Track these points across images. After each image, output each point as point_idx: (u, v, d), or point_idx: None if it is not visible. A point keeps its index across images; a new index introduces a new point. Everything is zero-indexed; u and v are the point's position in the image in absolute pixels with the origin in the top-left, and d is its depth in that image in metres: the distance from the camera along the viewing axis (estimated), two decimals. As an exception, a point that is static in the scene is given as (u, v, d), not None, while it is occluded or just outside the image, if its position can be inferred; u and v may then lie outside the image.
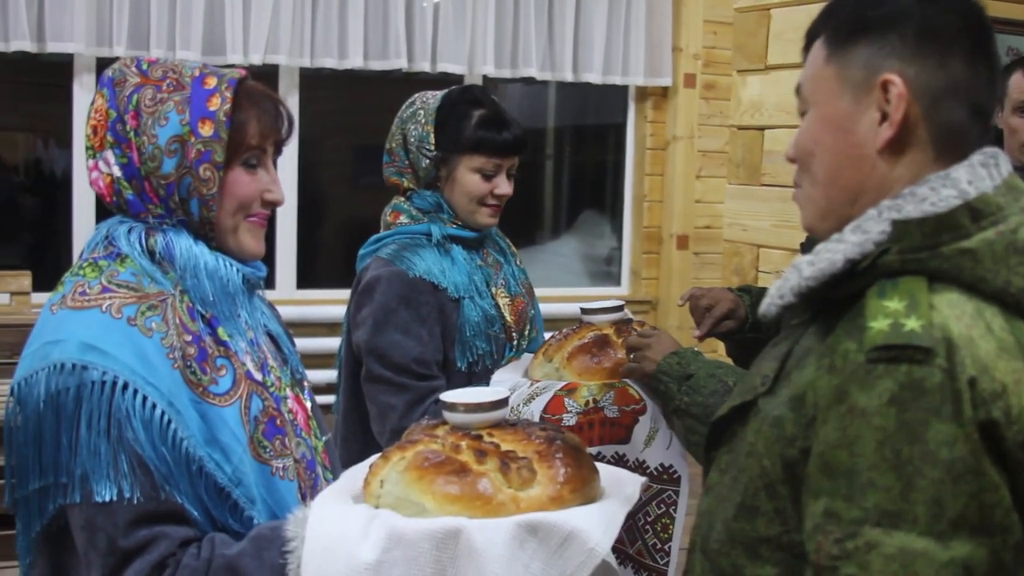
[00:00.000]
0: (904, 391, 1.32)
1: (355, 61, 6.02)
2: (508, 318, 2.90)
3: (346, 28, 6.00)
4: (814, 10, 4.04)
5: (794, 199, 1.64)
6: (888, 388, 1.32)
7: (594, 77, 6.57)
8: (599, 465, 1.87)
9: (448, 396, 1.89)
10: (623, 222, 7.01)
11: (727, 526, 1.54)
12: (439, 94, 2.91)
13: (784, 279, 1.54)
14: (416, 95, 2.95)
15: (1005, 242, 1.40)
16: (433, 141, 2.83)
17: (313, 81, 6.16)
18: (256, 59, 5.76)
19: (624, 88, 6.86)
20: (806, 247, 2.59)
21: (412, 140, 2.86)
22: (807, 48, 1.63)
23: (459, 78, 6.37)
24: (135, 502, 1.74)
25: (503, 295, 2.93)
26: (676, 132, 6.75)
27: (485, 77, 6.42)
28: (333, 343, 5.90)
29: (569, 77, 6.52)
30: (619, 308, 2.74)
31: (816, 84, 1.58)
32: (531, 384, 2.62)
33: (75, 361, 1.76)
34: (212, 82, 1.93)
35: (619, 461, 2.54)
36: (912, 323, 1.35)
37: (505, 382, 2.66)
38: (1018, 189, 1.47)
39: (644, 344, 2.44)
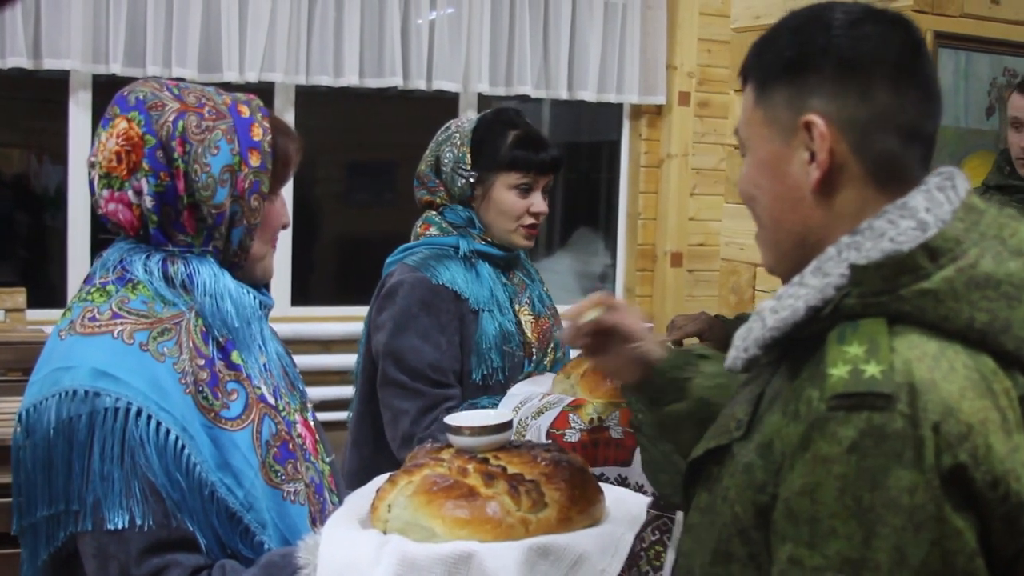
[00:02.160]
0: (865, 438, 1.30)
1: (351, 79, 6.01)
2: (529, 335, 2.93)
3: (342, 46, 6.00)
4: (812, 31, 4.04)
5: (756, 240, 1.63)
6: (849, 436, 1.31)
7: (588, 95, 6.57)
8: (604, 486, 1.88)
9: (453, 419, 1.89)
10: (617, 239, 7.01)
11: (703, 571, 1.53)
12: (475, 117, 2.98)
13: (748, 329, 1.53)
14: (451, 121, 3.02)
15: (965, 278, 1.38)
16: (469, 161, 2.88)
17: (309, 98, 6.16)
18: (252, 77, 5.75)
19: (618, 106, 6.86)
20: None
21: (447, 162, 2.91)
22: (743, 88, 1.60)
23: (454, 96, 6.38)
24: (147, 530, 1.73)
25: (527, 313, 2.96)
26: (670, 150, 6.75)
27: (480, 95, 6.42)
28: (327, 360, 5.95)
29: (564, 95, 6.53)
30: None
31: (749, 128, 1.57)
32: (541, 398, 2.63)
33: (87, 388, 1.75)
34: (246, 111, 1.94)
35: (622, 483, 2.54)
36: (872, 369, 1.33)
37: (519, 395, 2.69)
38: (976, 210, 1.45)
39: None
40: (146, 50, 5.57)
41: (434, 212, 2.97)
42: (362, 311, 6.29)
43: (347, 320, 6.24)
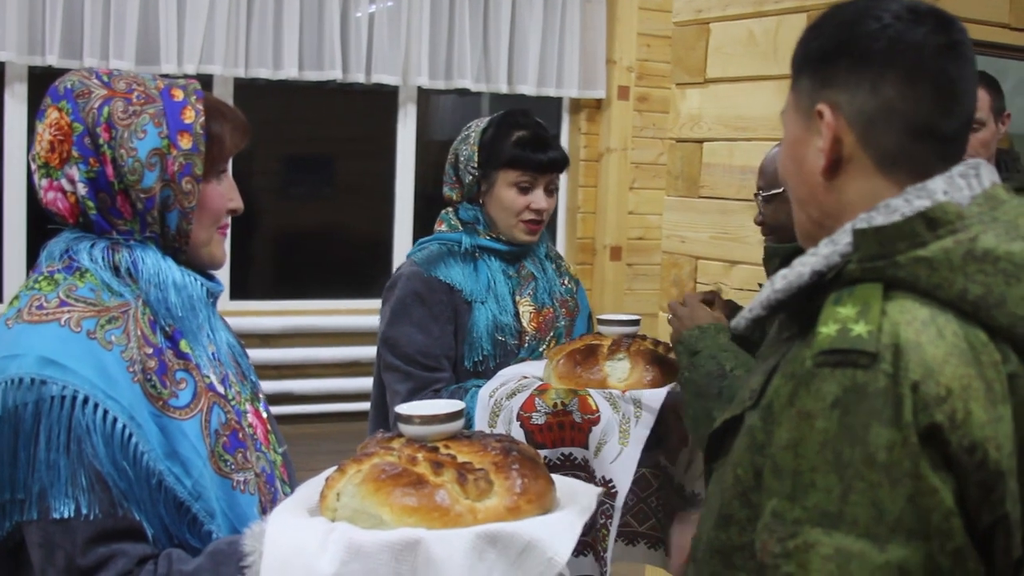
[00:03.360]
0: (847, 394, 1.35)
1: (290, 71, 6.00)
2: (526, 326, 3.09)
3: (281, 38, 5.98)
4: (753, 25, 4.08)
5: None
6: (832, 391, 1.36)
7: (528, 89, 6.59)
8: (555, 476, 1.89)
9: (403, 408, 1.90)
10: (556, 233, 7.04)
11: (708, 535, 1.59)
12: (489, 118, 3.16)
13: (760, 292, 1.58)
14: (473, 121, 3.19)
15: (963, 250, 1.41)
16: (477, 159, 3.07)
17: (247, 91, 6.13)
18: (190, 68, 5.72)
19: (558, 100, 6.89)
20: (768, 256, 2.65)
21: (462, 160, 3.10)
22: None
23: (393, 89, 6.37)
24: (93, 519, 1.72)
25: (527, 304, 3.12)
26: (610, 144, 6.79)
27: (419, 88, 6.42)
28: (266, 354, 5.94)
29: (503, 88, 6.54)
30: (631, 323, 2.90)
31: (784, 113, 1.66)
32: (518, 380, 2.79)
33: (34, 375, 1.74)
34: (180, 94, 1.93)
35: (585, 466, 2.67)
36: (860, 328, 1.38)
37: (503, 377, 2.85)
38: (997, 199, 1.50)
39: (682, 312, 2.60)
40: (83, 41, 5.53)
41: (450, 209, 3.17)
42: (300, 305, 6.38)
43: (285, 314, 6.23)
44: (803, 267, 1.51)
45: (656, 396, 2.67)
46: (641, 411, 2.64)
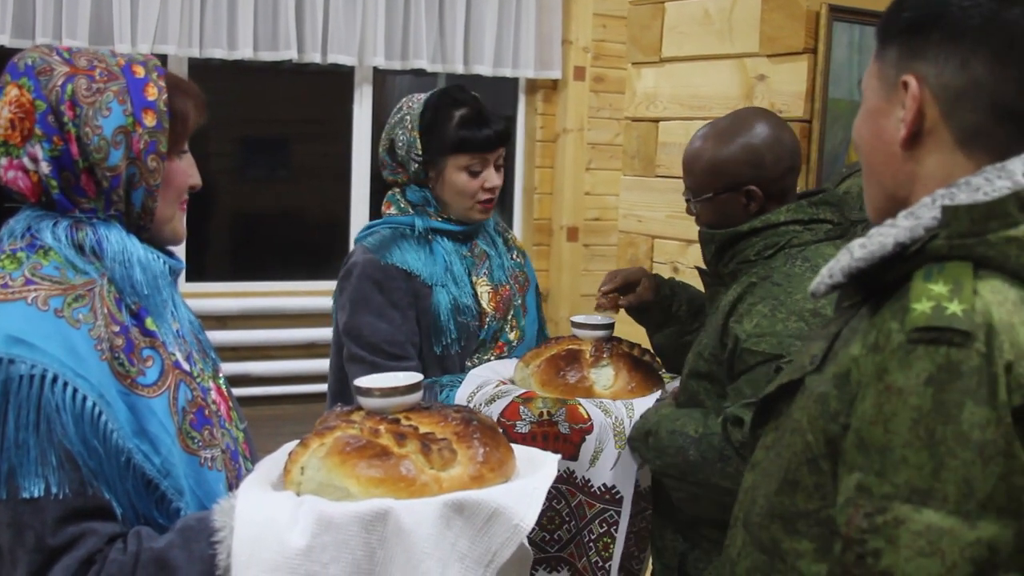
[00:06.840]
0: (941, 372, 1.35)
1: (245, 52, 5.96)
2: (486, 306, 3.05)
3: (236, 18, 5.94)
4: (708, 4, 4.10)
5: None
6: (926, 369, 1.36)
7: (484, 69, 6.58)
8: (514, 445, 1.91)
9: (362, 382, 1.92)
10: (513, 214, 7.04)
11: (768, 500, 1.58)
12: (423, 98, 3.07)
13: (836, 260, 1.57)
14: (404, 100, 3.12)
15: None
16: (420, 146, 2.99)
17: (202, 71, 6.10)
18: (144, 48, 5.68)
19: (514, 80, 6.88)
20: (704, 241, 2.64)
21: (400, 145, 3.02)
22: None
23: (349, 69, 6.35)
24: (63, 498, 1.71)
25: (484, 283, 3.09)
26: (566, 124, 6.80)
27: (375, 69, 6.41)
28: (224, 336, 5.92)
29: (460, 69, 6.53)
30: (606, 326, 2.88)
31: (866, 80, 1.65)
32: (496, 385, 2.75)
33: (1, 355, 1.73)
34: (141, 71, 1.92)
35: (568, 477, 2.65)
36: (954, 307, 1.37)
37: (479, 379, 2.82)
38: None
39: None
40: (35, 20, 5.49)
41: (397, 190, 3.11)
42: (257, 286, 6.34)
43: (243, 296, 6.21)
44: (884, 237, 1.50)
45: (647, 404, 2.67)
46: (634, 413, 2.64)
